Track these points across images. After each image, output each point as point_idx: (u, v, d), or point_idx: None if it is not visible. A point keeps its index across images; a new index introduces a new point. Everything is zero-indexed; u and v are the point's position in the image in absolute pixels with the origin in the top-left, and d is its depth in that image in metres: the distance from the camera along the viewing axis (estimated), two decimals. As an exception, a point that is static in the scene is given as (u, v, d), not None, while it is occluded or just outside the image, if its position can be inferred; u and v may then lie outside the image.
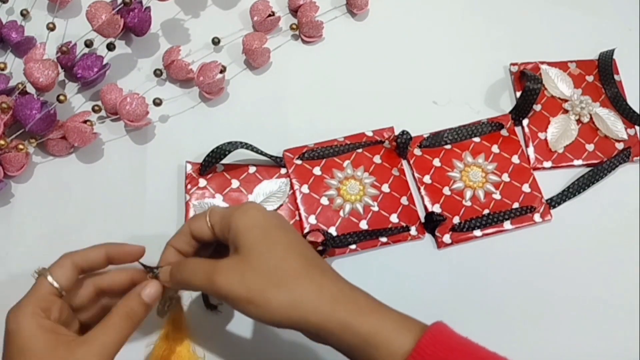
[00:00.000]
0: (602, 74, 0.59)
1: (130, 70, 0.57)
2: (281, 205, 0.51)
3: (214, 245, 0.42)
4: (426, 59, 0.60)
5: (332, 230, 0.50)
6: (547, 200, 0.54)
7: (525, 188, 0.54)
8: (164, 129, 0.55)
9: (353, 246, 0.50)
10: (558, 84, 0.58)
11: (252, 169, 0.52)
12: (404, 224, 0.52)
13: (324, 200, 0.52)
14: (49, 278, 0.37)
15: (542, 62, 0.59)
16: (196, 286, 0.38)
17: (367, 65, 0.59)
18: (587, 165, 0.56)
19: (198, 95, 0.56)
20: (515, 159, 0.55)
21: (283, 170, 0.53)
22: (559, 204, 0.54)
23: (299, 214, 0.51)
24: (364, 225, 0.51)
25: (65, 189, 0.52)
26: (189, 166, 0.52)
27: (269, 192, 0.51)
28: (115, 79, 0.56)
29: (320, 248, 0.49)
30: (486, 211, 0.53)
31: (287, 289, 0.35)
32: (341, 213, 0.51)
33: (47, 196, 0.51)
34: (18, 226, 0.50)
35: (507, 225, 0.52)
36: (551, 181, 0.55)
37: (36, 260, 0.48)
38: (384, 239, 0.51)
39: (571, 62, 0.60)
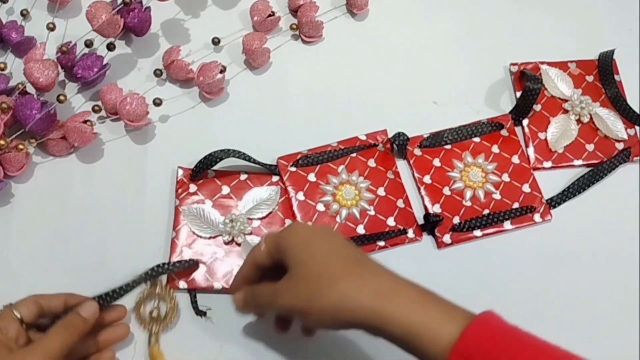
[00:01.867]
0: (602, 74, 0.59)
1: (130, 70, 0.57)
2: (270, 212, 0.51)
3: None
4: (426, 59, 0.60)
5: (330, 235, 0.50)
6: (547, 200, 0.54)
7: (525, 188, 0.54)
8: (164, 129, 0.55)
9: (352, 249, 0.50)
10: (558, 84, 0.58)
11: (243, 176, 0.52)
12: (401, 227, 0.51)
13: (320, 207, 0.51)
14: (14, 311, 0.41)
15: (542, 62, 0.59)
16: (265, 309, 0.42)
17: (367, 65, 0.59)
18: (587, 165, 0.56)
19: (198, 95, 0.56)
20: (515, 159, 0.55)
21: (275, 178, 0.52)
22: (559, 204, 0.54)
23: (295, 222, 0.51)
24: (361, 230, 0.51)
25: (65, 189, 0.52)
26: (180, 171, 0.51)
27: (259, 199, 0.51)
28: (115, 79, 0.56)
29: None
30: (486, 211, 0.52)
31: (329, 292, 0.37)
32: (338, 219, 0.51)
33: (47, 196, 0.51)
34: (18, 226, 0.50)
35: (507, 225, 0.52)
36: (551, 181, 0.55)
37: (36, 260, 0.49)
38: (381, 243, 0.51)
39: (571, 62, 0.60)
